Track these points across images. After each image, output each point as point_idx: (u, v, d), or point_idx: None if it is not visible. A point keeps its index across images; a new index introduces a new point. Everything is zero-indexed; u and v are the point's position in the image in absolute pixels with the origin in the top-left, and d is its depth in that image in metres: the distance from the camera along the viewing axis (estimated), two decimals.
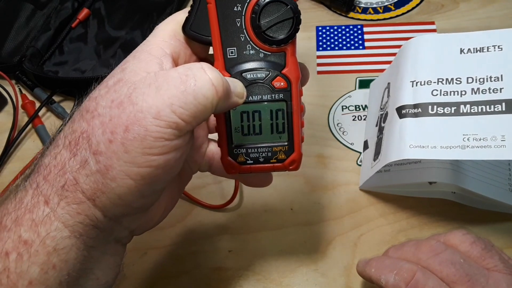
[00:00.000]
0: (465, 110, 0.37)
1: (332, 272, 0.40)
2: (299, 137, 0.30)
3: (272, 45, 0.28)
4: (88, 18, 0.58)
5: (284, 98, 0.29)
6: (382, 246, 0.40)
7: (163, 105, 0.24)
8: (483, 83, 0.38)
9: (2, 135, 0.51)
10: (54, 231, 0.25)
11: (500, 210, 0.41)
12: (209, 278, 0.41)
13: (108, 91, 0.26)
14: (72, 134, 0.26)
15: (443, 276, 0.31)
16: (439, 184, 0.39)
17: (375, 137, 0.44)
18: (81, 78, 0.53)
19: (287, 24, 0.28)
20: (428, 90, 0.39)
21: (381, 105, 0.45)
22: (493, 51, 0.39)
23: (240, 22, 0.28)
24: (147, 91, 0.25)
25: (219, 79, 0.26)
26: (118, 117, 0.25)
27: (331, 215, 0.43)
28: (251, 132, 0.30)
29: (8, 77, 0.53)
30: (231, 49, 0.29)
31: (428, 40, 0.41)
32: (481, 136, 0.36)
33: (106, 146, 0.25)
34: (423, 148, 0.36)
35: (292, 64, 0.29)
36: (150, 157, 0.25)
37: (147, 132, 0.24)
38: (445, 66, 0.40)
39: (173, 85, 0.25)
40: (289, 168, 0.31)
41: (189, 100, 0.25)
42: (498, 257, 0.33)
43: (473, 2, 0.57)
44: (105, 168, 0.25)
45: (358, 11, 0.58)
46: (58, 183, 0.25)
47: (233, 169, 0.31)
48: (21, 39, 0.55)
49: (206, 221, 0.44)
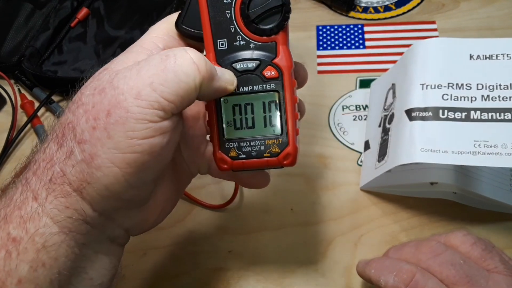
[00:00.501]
0: (476, 117, 0.37)
1: (332, 272, 0.40)
2: (294, 129, 0.29)
3: (262, 35, 0.28)
4: (88, 17, 0.58)
5: (276, 88, 0.29)
6: (382, 246, 0.40)
7: (143, 85, 0.24)
8: (493, 90, 0.38)
9: (1, 135, 0.50)
10: (42, 227, 0.24)
11: (501, 210, 0.41)
12: (209, 278, 0.41)
13: (92, 80, 0.26)
14: (60, 126, 0.26)
15: (443, 277, 0.31)
16: (440, 185, 0.39)
17: (378, 137, 0.44)
18: (80, 78, 0.52)
19: (277, 13, 0.28)
20: (439, 94, 0.39)
21: (384, 106, 0.44)
22: (502, 59, 0.39)
23: (229, 13, 0.28)
24: (129, 74, 0.25)
25: (201, 58, 0.25)
26: (100, 103, 0.24)
27: (331, 215, 0.43)
28: (244, 126, 0.29)
29: (7, 77, 0.53)
30: (222, 40, 0.28)
31: (437, 43, 0.41)
32: (491, 143, 0.36)
33: (90, 134, 0.24)
34: (434, 152, 0.36)
35: (283, 53, 0.28)
36: (134, 141, 0.24)
37: (128, 114, 0.24)
38: (455, 71, 0.39)
39: (153, 65, 0.25)
40: (284, 163, 0.29)
41: (170, 77, 0.24)
42: (499, 258, 0.33)
43: (474, 2, 0.57)
44: (89, 157, 0.24)
45: (359, 10, 0.58)
46: (46, 176, 0.25)
47: (225, 165, 0.30)
48: (20, 39, 0.55)
49: (206, 221, 0.44)
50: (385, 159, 0.40)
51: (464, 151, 0.36)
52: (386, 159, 0.40)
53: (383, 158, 0.41)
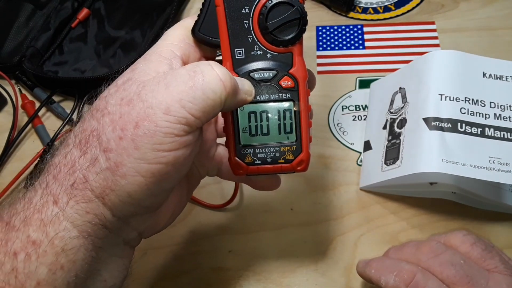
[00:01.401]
0: (490, 133, 0.39)
1: (332, 272, 0.40)
2: (307, 137, 0.30)
3: (279, 45, 0.29)
4: (88, 18, 0.58)
5: (292, 97, 0.30)
6: (382, 246, 0.40)
7: (173, 101, 0.25)
8: (504, 111, 0.40)
9: (2, 135, 0.51)
10: (62, 231, 0.25)
11: (500, 210, 0.41)
12: (209, 278, 0.41)
13: (118, 90, 0.26)
14: (83, 133, 0.26)
15: (443, 277, 0.31)
16: (439, 185, 0.39)
17: (383, 139, 0.44)
18: (81, 78, 0.52)
19: (294, 25, 0.29)
20: (457, 107, 0.39)
21: (390, 109, 0.45)
22: (511, 81, 0.41)
23: (248, 23, 0.29)
24: (156, 88, 0.25)
25: (227, 74, 0.26)
26: (128, 114, 0.25)
27: (331, 215, 0.43)
28: (259, 133, 0.30)
29: (8, 77, 0.53)
30: (239, 49, 0.29)
31: (453, 56, 0.42)
32: (504, 161, 0.37)
33: (116, 143, 0.25)
34: (454, 164, 0.37)
35: (299, 64, 0.30)
36: (160, 153, 0.25)
37: (157, 128, 0.25)
38: (470, 86, 0.40)
39: (181, 81, 0.25)
40: (297, 169, 0.31)
41: (198, 95, 0.25)
42: (499, 258, 0.33)
43: (473, 2, 0.57)
44: (115, 165, 0.25)
45: (358, 11, 0.58)
46: (67, 181, 0.25)
47: (240, 170, 0.30)
48: (21, 39, 0.55)
49: (206, 221, 0.44)
50: (398, 163, 0.41)
51: (480, 166, 0.37)
52: (399, 163, 0.40)
53: (394, 162, 0.41)
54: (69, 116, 0.49)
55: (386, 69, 0.52)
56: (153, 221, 0.30)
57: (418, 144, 0.39)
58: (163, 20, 0.56)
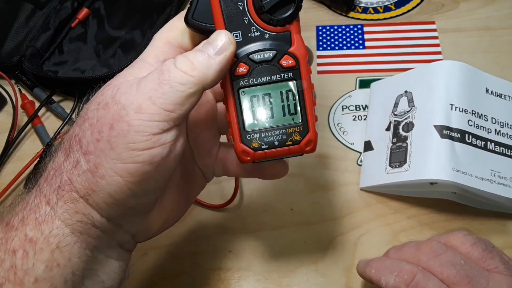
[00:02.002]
0: (491, 148, 0.40)
1: (332, 272, 0.40)
2: (313, 116, 0.29)
3: (276, 25, 0.28)
4: (88, 17, 0.58)
5: (294, 76, 0.29)
6: (382, 246, 0.40)
7: (143, 99, 0.26)
8: (503, 127, 0.41)
9: (2, 135, 0.51)
10: (56, 229, 0.26)
11: (500, 210, 0.41)
12: (209, 278, 0.41)
13: (96, 95, 0.27)
14: (68, 138, 0.28)
15: (444, 278, 0.31)
16: (440, 185, 0.39)
17: (386, 141, 0.44)
18: (80, 78, 0.52)
19: (290, 2, 0.28)
20: (465, 118, 0.41)
21: (394, 111, 0.45)
22: (508, 101, 0.43)
23: (242, 5, 0.28)
24: (129, 89, 0.26)
25: (188, 64, 0.26)
26: (104, 117, 0.26)
27: (331, 215, 0.43)
28: (263, 116, 0.29)
29: (8, 77, 0.53)
30: (236, 33, 0.28)
31: (462, 69, 0.43)
32: (503, 175, 0.40)
33: (94, 146, 0.26)
34: (462, 174, 0.38)
35: (298, 42, 0.29)
36: (135, 152, 0.25)
37: (130, 127, 0.25)
38: (476, 100, 0.42)
39: (150, 80, 0.26)
40: (306, 150, 0.30)
41: (166, 89, 0.26)
42: (499, 259, 0.33)
43: (473, 2, 0.57)
44: (94, 167, 0.26)
45: (358, 10, 0.58)
46: (55, 183, 0.27)
47: (247, 157, 0.29)
48: (21, 39, 0.55)
49: (206, 221, 0.44)
50: (405, 167, 0.41)
51: (483, 178, 0.39)
52: (407, 168, 0.41)
53: (401, 165, 0.41)
54: (69, 116, 0.49)
55: (386, 69, 0.52)
56: (145, 224, 0.31)
57: (428, 150, 0.40)
58: (163, 20, 0.56)
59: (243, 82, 0.29)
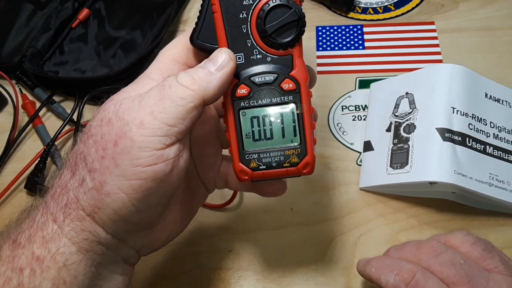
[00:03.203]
0: (490, 151, 0.41)
1: (332, 272, 0.40)
2: (312, 139, 0.30)
3: (278, 48, 0.29)
4: (88, 18, 0.58)
5: (294, 99, 0.29)
6: (382, 246, 0.40)
7: (145, 115, 0.26)
8: (500, 132, 0.42)
9: (3, 135, 0.51)
10: (63, 247, 0.26)
11: (500, 210, 0.42)
12: (209, 278, 0.41)
13: (99, 111, 0.28)
14: (73, 155, 0.28)
15: (444, 277, 0.31)
16: (439, 185, 0.39)
17: (387, 142, 0.44)
18: (81, 78, 0.53)
19: (293, 27, 0.28)
20: (466, 122, 0.41)
21: (395, 112, 0.45)
22: (506, 106, 0.44)
23: (246, 28, 0.29)
24: (132, 105, 0.27)
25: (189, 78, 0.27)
26: (108, 134, 0.26)
27: (331, 215, 0.43)
28: (262, 137, 0.30)
29: (9, 77, 0.53)
30: (239, 55, 0.29)
31: (464, 72, 0.43)
32: (501, 178, 0.40)
33: (99, 163, 0.26)
34: (463, 177, 0.39)
35: (299, 65, 0.29)
36: (139, 169, 0.26)
37: (133, 143, 0.26)
38: (476, 104, 0.42)
39: (152, 95, 0.27)
40: (303, 172, 0.30)
41: (167, 104, 0.26)
42: (499, 258, 0.33)
43: (473, 2, 0.57)
44: (99, 184, 0.26)
45: (358, 11, 0.58)
46: (62, 201, 0.27)
47: (245, 176, 0.30)
48: (22, 39, 0.55)
49: (206, 221, 0.44)
50: (407, 168, 0.41)
51: (483, 181, 0.39)
52: (409, 169, 0.41)
53: (402, 166, 0.41)
54: (70, 116, 0.49)
55: (386, 69, 0.52)
56: (150, 238, 0.31)
57: (430, 152, 0.40)
58: (163, 20, 0.56)
59: (244, 103, 0.29)
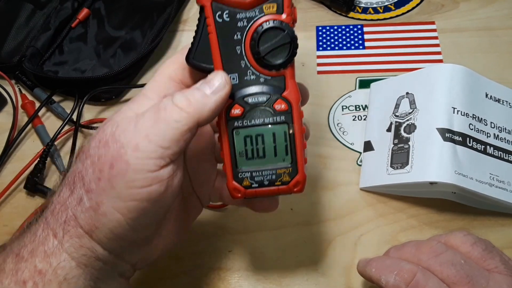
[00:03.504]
0: (490, 152, 0.41)
1: (332, 272, 0.40)
2: (302, 158, 0.31)
3: (271, 69, 0.29)
4: (88, 18, 0.58)
5: (286, 120, 0.30)
6: (382, 246, 0.40)
7: (140, 138, 0.26)
8: (501, 132, 0.42)
9: (2, 135, 0.51)
10: (63, 262, 0.27)
11: (500, 210, 0.42)
12: (209, 278, 0.41)
13: (98, 132, 0.28)
14: (72, 174, 0.29)
15: (444, 277, 0.31)
16: (439, 185, 0.39)
17: (388, 142, 0.44)
18: (81, 78, 0.52)
19: (285, 49, 0.29)
20: (466, 122, 0.41)
21: (395, 112, 0.45)
22: (506, 106, 0.44)
23: (240, 49, 0.29)
24: (128, 127, 0.27)
25: (185, 100, 0.27)
26: (104, 156, 0.27)
27: (331, 215, 0.43)
28: (255, 156, 0.30)
29: (8, 77, 0.53)
30: (233, 75, 0.30)
31: (464, 72, 0.43)
32: (502, 179, 0.40)
33: (96, 184, 0.27)
34: (464, 177, 0.38)
35: (292, 86, 0.30)
36: (134, 191, 0.26)
37: (128, 166, 0.26)
38: (476, 104, 0.42)
39: (147, 118, 0.27)
40: (294, 190, 0.31)
41: (162, 127, 0.27)
42: (499, 258, 0.33)
43: (473, 2, 0.57)
44: (96, 205, 0.27)
45: (358, 11, 0.58)
46: (61, 218, 0.28)
47: (238, 194, 0.31)
48: (21, 39, 0.55)
49: (206, 221, 0.44)
50: (407, 168, 0.41)
51: (483, 181, 0.39)
52: (409, 169, 0.41)
53: (403, 166, 0.41)
54: (69, 116, 0.49)
55: (386, 69, 0.52)
56: (145, 253, 0.32)
57: (431, 153, 0.40)
58: (163, 20, 0.56)
59: (238, 123, 0.30)
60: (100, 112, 0.52)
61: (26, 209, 0.46)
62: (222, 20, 0.29)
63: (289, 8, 0.29)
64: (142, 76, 0.55)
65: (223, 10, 0.29)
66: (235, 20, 0.29)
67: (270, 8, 0.29)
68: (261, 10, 0.29)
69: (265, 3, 0.29)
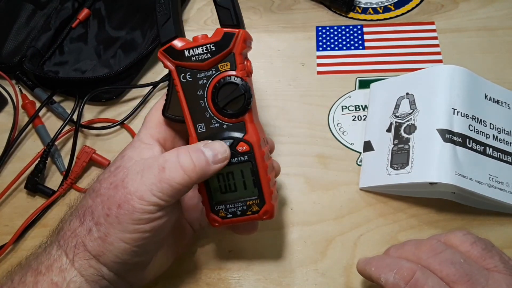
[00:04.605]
0: (490, 153, 0.41)
1: (331, 272, 0.40)
2: (268, 190, 0.35)
3: (231, 117, 0.34)
4: (88, 18, 0.58)
5: (249, 159, 0.34)
6: (381, 246, 0.40)
7: (145, 190, 0.32)
8: (500, 133, 0.42)
9: (3, 135, 0.51)
10: (74, 277, 0.32)
11: (500, 210, 0.42)
12: (209, 278, 0.41)
13: (109, 176, 0.33)
14: (82, 207, 0.34)
15: (443, 276, 0.31)
16: (439, 185, 0.39)
17: (387, 143, 0.44)
18: (81, 78, 0.53)
19: (240, 100, 0.33)
20: (466, 123, 0.41)
21: (395, 112, 0.45)
22: (505, 107, 0.44)
23: (203, 102, 0.34)
24: (135, 177, 0.32)
25: (190, 165, 0.32)
26: (113, 197, 0.32)
27: (331, 215, 0.43)
28: (228, 190, 0.35)
29: (9, 77, 0.53)
30: (200, 124, 0.35)
31: (464, 74, 0.43)
32: (501, 180, 0.41)
33: (104, 219, 0.32)
34: (464, 178, 0.39)
35: (251, 130, 0.34)
36: (138, 226, 0.32)
37: (134, 209, 0.32)
38: (476, 105, 0.42)
39: (153, 174, 0.32)
40: (263, 218, 0.35)
41: (165, 187, 0.32)
42: (499, 258, 0.33)
43: (473, 2, 0.57)
44: (104, 235, 0.32)
45: (358, 11, 0.58)
46: (71, 242, 0.33)
47: (216, 223, 0.36)
48: (22, 39, 0.56)
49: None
50: (407, 169, 0.41)
51: (482, 182, 0.39)
52: (410, 170, 0.41)
53: (403, 167, 0.41)
54: (70, 116, 0.49)
55: (386, 69, 0.52)
56: (142, 275, 0.37)
57: (431, 153, 0.40)
58: None
59: None
60: (101, 112, 0.53)
61: (26, 209, 0.46)
62: (186, 80, 0.34)
63: (242, 63, 0.33)
64: (143, 76, 0.55)
65: (186, 72, 0.34)
66: (197, 79, 0.34)
67: (225, 66, 0.33)
68: (217, 69, 0.34)
69: (220, 63, 0.33)
